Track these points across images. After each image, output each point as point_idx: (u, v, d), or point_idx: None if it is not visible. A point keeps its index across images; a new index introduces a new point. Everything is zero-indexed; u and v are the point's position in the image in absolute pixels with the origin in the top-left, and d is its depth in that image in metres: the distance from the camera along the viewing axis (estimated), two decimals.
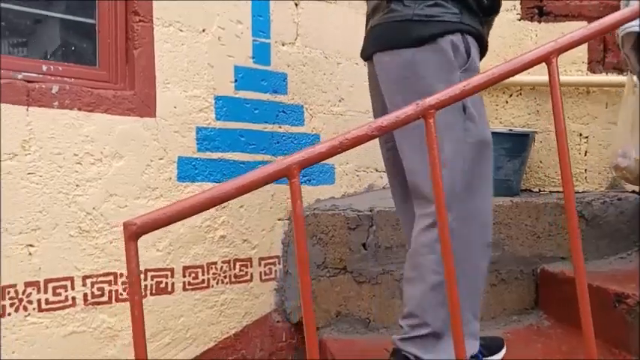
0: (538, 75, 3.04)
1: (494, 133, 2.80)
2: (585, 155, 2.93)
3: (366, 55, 1.72)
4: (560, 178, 3.11)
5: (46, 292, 1.84)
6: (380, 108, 1.72)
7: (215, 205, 1.07)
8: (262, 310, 2.47)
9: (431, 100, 1.23)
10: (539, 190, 2.98)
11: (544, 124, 2.98)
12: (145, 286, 2.08)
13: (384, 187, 3.07)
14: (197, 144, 2.24)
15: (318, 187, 2.71)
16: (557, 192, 2.90)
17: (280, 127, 2.54)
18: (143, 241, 2.10)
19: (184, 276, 2.20)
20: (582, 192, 2.92)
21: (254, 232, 2.43)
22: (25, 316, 1.81)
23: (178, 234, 2.18)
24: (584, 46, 2.91)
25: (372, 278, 2.45)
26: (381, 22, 1.60)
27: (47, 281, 1.85)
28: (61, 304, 1.88)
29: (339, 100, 2.81)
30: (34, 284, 1.82)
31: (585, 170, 2.93)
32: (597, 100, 2.90)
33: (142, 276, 2.07)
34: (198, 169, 2.25)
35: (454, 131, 1.50)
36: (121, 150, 2.02)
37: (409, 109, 1.22)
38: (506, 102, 3.05)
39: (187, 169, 2.21)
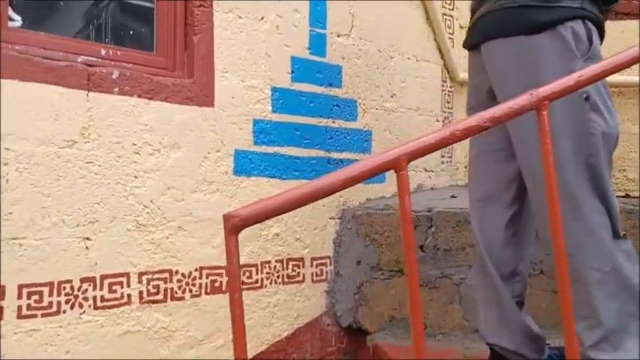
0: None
1: None
2: None
3: (472, 44, 1.62)
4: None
5: (102, 288, 1.76)
6: (479, 102, 1.62)
7: (319, 198, 0.99)
8: (313, 313, 2.37)
9: (545, 90, 1.14)
10: (626, 195, 2.88)
11: None
12: (200, 284, 2.00)
13: (432, 188, 2.98)
14: (254, 137, 2.15)
15: (369, 185, 2.62)
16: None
17: (334, 122, 2.45)
18: (199, 237, 2.01)
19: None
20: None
21: (307, 230, 2.34)
22: (81, 313, 1.72)
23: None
24: None
25: (430, 282, 2.36)
26: (492, 10, 1.50)
27: (103, 277, 1.76)
28: (116, 302, 1.79)
29: (391, 96, 2.72)
30: (90, 280, 1.73)
31: None
32: None
33: (197, 273, 1.99)
34: (254, 164, 2.16)
35: (576, 123, 1.40)
36: (180, 140, 1.93)
37: (522, 100, 1.13)
38: None
39: (244, 163, 2.12)
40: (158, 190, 1.88)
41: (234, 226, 0.93)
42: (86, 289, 1.73)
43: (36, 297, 1.64)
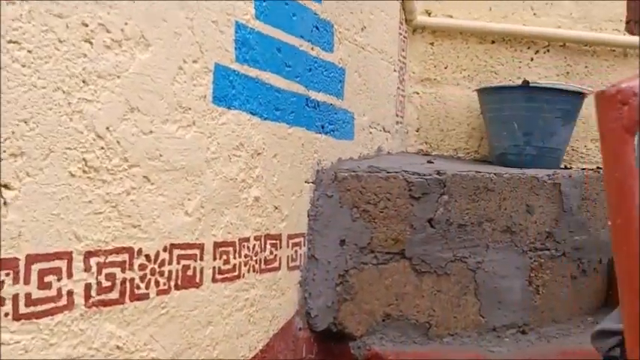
0: (569, 29, 2.71)
1: (545, 89, 2.38)
2: None
3: None
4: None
5: (27, 281, 0.97)
6: None
7: None
8: (287, 313, 1.74)
9: None
10: (598, 168, 2.61)
11: None
12: (169, 273, 1.27)
13: (389, 153, 2.48)
14: (236, 50, 1.47)
15: (341, 141, 2.04)
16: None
17: (313, 49, 1.84)
18: (169, 196, 1.29)
19: (215, 258, 1.41)
20: None
21: (285, 195, 1.71)
22: None
23: (211, 189, 1.39)
24: (623, 1, 2.60)
25: (439, 267, 1.87)
26: None
27: (30, 260, 0.98)
28: (50, 306, 1.01)
29: (362, 29, 2.18)
30: (8, 265, 0.94)
31: None
32: (634, 65, 2.62)
33: (167, 255, 1.26)
34: (236, 89, 1.48)
35: None
36: (149, 33, 1.20)
37: None
38: (532, 59, 2.65)
39: (224, 86, 1.43)
40: (117, 111, 1.13)
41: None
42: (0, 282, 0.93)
43: None
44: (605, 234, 2.11)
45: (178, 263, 1.30)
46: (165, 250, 1.26)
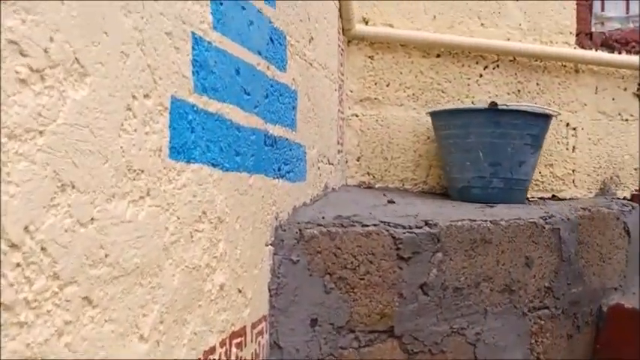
0: (519, 41, 2.46)
1: (514, 112, 2.10)
2: (573, 151, 2.43)
3: None
4: (555, 180, 2.56)
5: None
6: None
7: None
8: None
9: None
10: (553, 196, 2.37)
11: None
12: None
13: (333, 189, 2.10)
14: (194, 75, 1.01)
15: (295, 184, 1.63)
16: (571, 199, 2.34)
17: (269, 69, 1.41)
18: (117, 322, 0.82)
19: None
20: (570, 199, 2.41)
21: (248, 270, 1.27)
22: None
23: (172, 290, 0.93)
24: (572, 12, 2.41)
25: (434, 344, 1.52)
26: None
27: None
28: None
29: (309, 41, 1.77)
30: None
31: (573, 171, 2.43)
32: (586, 82, 2.43)
33: None
34: (196, 133, 1.02)
35: None
36: (86, 57, 0.72)
37: None
38: (480, 75, 2.38)
39: (183, 131, 0.98)
40: (42, 196, 0.65)
41: None
42: None
43: None
44: (596, 281, 1.87)
45: None
46: None
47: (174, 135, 0.95)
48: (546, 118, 2.10)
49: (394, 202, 1.92)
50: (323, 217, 1.54)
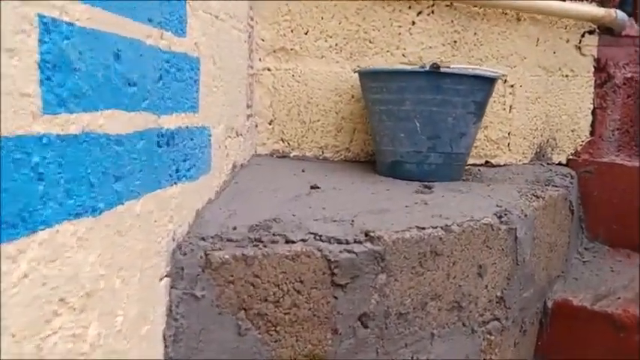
0: None
1: (460, 76, 1.81)
2: (510, 112, 2.18)
3: None
4: (490, 145, 2.31)
5: None
6: None
7: None
8: None
9: None
10: (486, 162, 2.13)
11: (463, 63, 2.10)
12: None
13: (241, 165, 1.75)
14: (43, 83, 0.63)
15: (198, 182, 1.27)
16: (505, 165, 2.10)
17: (163, 38, 1.03)
18: None
19: None
20: (504, 165, 2.19)
21: (136, 328, 0.93)
22: None
23: None
24: None
25: None
26: None
27: None
28: None
29: None
30: None
31: (509, 134, 2.19)
32: (527, 32, 2.16)
33: None
34: (47, 181, 0.65)
35: None
36: None
37: None
38: (413, 23, 2.05)
39: (23, 187, 0.60)
40: None
41: None
42: None
43: None
44: (544, 276, 1.66)
45: None
46: None
47: (7, 201, 0.58)
48: (492, 81, 1.82)
49: (319, 188, 1.60)
50: (234, 228, 1.21)
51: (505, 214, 1.46)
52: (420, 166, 1.79)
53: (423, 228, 1.30)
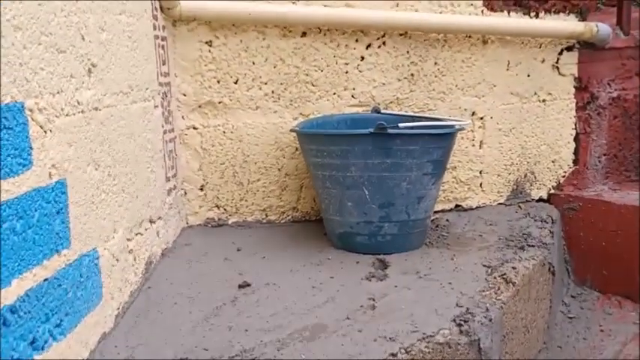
0: (414, 10, 1.87)
1: (405, 135, 1.55)
2: (481, 147, 1.93)
3: None
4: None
5: None
6: None
7: None
8: None
9: None
10: (457, 206, 1.89)
11: (421, 100, 1.84)
12: None
13: (163, 254, 1.51)
14: None
15: (79, 327, 1.03)
16: (477, 207, 1.85)
17: None
18: None
19: None
20: (476, 208, 1.94)
21: None
22: None
23: None
24: None
25: None
26: None
27: None
28: None
29: (88, 72, 1.11)
30: None
31: (480, 172, 1.94)
32: (496, 56, 1.90)
33: None
34: None
35: None
36: None
37: None
38: (362, 58, 1.79)
39: None
40: None
41: None
42: None
43: None
44: None
45: None
46: None
47: None
48: (452, 135, 1.57)
49: (249, 286, 1.36)
50: None
51: (466, 321, 1.21)
52: (372, 238, 1.54)
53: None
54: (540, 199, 2.03)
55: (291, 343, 1.14)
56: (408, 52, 1.81)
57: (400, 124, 1.48)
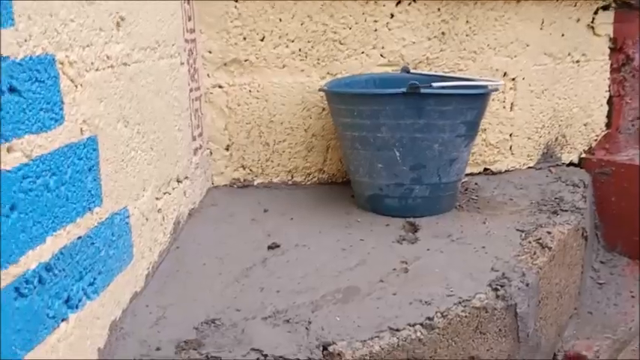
0: None
1: (439, 96, 1.50)
2: (512, 110, 1.88)
3: None
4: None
5: None
6: None
7: None
8: None
9: None
10: (485, 170, 1.85)
11: (452, 59, 1.79)
12: None
13: (190, 214, 1.49)
14: None
15: (112, 285, 1.02)
16: (507, 171, 1.81)
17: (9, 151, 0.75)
18: None
19: None
20: (506, 171, 1.91)
21: None
22: None
23: None
24: None
25: None
26: None
27: None
28: None
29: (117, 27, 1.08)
30: None
31: (511, 135, 1.90)
32: (530, 14, 1.84)
33: None
34: None
35: None
36: None
37: None
38: (392, 16, 1.74)
39: None
40: None
41: None
42: None
43: None
44: (552, 332, 1.41)
45: None
46: None
47: None
48: (486, 95, 1.52)
49: (278, 247, 1.34)
50: (158, 349, 0.96)
51: (503, 286, 1.19)
52: (402, 200, 1.51)
53: (398, 330, 1.04)
54: (571, 163, 1.99)
55: (325, 305, 1.12)
56: (439, 9, 1.76)
57: (434, 84, 1.44)
